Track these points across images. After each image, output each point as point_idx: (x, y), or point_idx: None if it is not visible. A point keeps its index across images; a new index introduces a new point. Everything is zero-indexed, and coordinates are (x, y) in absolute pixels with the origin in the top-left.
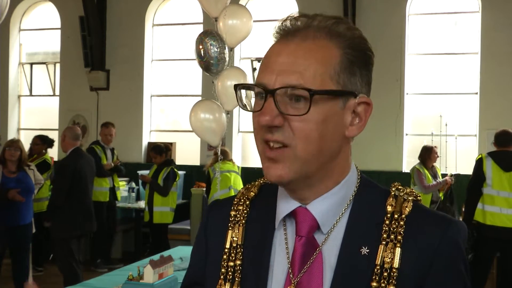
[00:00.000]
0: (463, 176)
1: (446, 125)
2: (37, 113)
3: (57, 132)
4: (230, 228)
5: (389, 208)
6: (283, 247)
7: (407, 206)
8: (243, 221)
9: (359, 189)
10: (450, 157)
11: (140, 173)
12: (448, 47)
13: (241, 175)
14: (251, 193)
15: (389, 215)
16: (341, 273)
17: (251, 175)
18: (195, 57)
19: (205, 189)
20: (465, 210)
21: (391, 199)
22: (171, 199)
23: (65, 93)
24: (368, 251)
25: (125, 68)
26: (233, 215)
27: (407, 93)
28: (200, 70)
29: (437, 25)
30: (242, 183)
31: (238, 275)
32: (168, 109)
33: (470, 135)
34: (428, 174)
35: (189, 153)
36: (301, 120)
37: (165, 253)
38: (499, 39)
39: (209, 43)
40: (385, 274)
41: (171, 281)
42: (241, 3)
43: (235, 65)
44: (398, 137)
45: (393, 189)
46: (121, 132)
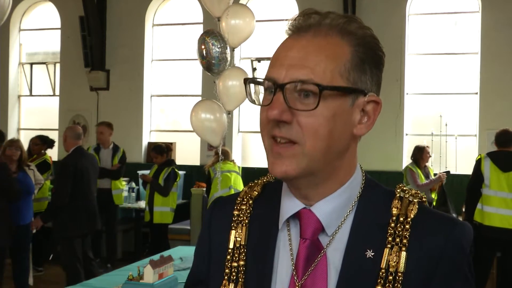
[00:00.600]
0: (463, 176)
1: (446, 125)
2: (37, 113)
3: (57, 132)
4: (233, 228)
5: (394, 210)
6: (287, 248)
7: (412, 208)
8: (246, 221)
9: (364, 190)
10: (450, 157)
11: (140, 173)
12: (448, 47)
13: (241, 175)
14: (255, 192)
15: (394, 218)
16: (346, 276)
17: (251, 175)
18: (197, 57)
19: (206, 189)
20: (465, 210)
21: (397, 201)
22: (172, 199)
23: (65, 93)
24: (373, 254)
25: (125, 68)
26: (236, 214)
27: (407, 93)
28: (200, 70)
29: (437, 25)
30: (242, 183)
31: (241, 275)
32: (168, 109)
33: (470, 135)
34: (421, 173)
35: (189, 153)
36: (309, 115)
37: (165, 253)
38: (499, 39)
39: (210, 43)
40: (390, 277)
41: (171, 281)
42: (242, 3)
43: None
44: (398, 137)
45: (398, 190)
46: (121, 132)
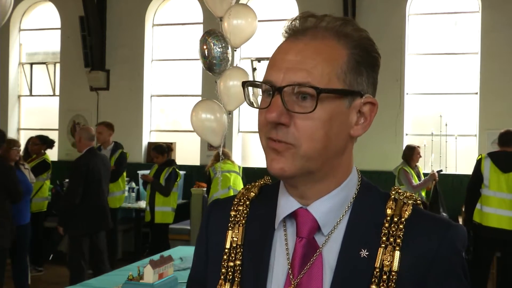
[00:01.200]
0: (463, 176)
1: (446, 125)
2: (37, 113)
3: (57, 132)
4: (230, 228)
5: (388, 211)
6: (283, 247)
7: (406, 209)
8: (243, 221)
9: (359, 191)
10: (450, 157)
11: (140, 173)
12: (448, 47)
13: (242, 175)
14: (251, 193)
15: (388, 218)
16: (340, 275)
17: (251, 175)
18: (199, 57)
19: (206, 189)
20: (464, 210)
21: (391, 202)
22: (172, 199)
23: (65, 93)
24: (367, 253)
25: (125, 68)
26: (233, 215)
27: (407, 93)
28: (200, 70)
29: (437, 25)
30: (242, 183)
31: (238, 275)
32: (168, 109)
33: (470, 135)
34: (414, 173)
35: (189, 153)
36: (306, 118)
37: (165, 253)
38: (499, 39)
39: (212, 42)
40: (384, 277)
41: (171, 281)
42: (243, 3)
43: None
44: (398, 137)
45: (393, 192)
46: (121, 132)
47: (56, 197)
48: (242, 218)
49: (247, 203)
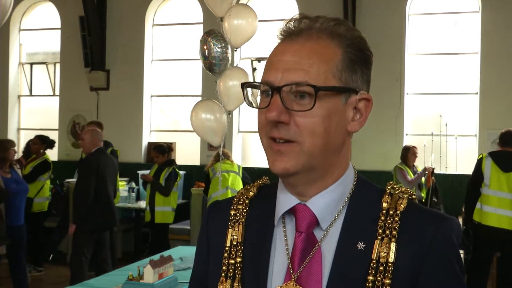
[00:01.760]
0: (463, 176)
1: (446, 125)
2: (37, 113)
3: (57, 132)
4: (230, 227)
5: (384, 204)
6: (282, 243)
7: (401, 203)
8: (243, 220)
9: (356, 187)
10: (450, 157)
11: (140, 173)
12: (448, 47)
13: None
14: (250, 193)
15: (384, 211)
16: (338, 268)
17: (251, 175)
18: (199, 57)
19: (203, 189)
20: (464, 209)
21: (387, 196)
22: (172, 199)
23: (65, 93)
24: (364, 246)
25: (125, 68)
26: (233, 214)
27: (407, 93)
28: (200, 70)
29: (437, 25)
30: (242, 183)
31: (238, 272)
32: (168, 109)
33: (470, 135)
34: (410, 171)
35: (189, 153)
36: (306, 115)
37: (165, 253)
38: (499, 39)
39: (212, 43)
40: (381, 268)
41: (171, 281)
42: (244, 3)
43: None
44: (398, 137)
45: (389, 187)
46: (121, 132)
47: (56, 197)
48: (241, 216)
49: (246, 202)
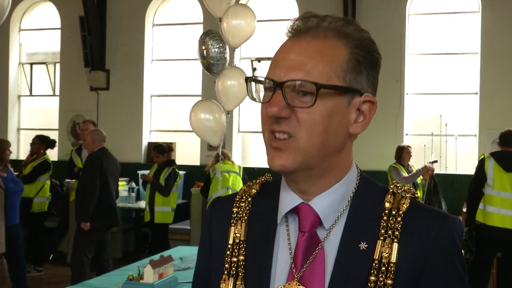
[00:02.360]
0: (463, 176)
1: (446, 125)
2: (37, 113)
3: (57, 132)
4: (232, 224)
5: (387, 204)
6: (285, 242)
7: (404, 202)
8: (246, 218)
9: (359, 186)
10: (450, 157)
11: (140, 173)
12: (448, 47)
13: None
14: (253, 190)
15: (387, 211)
16: (341, 268)
17: (251, 175)
18: (198, 57)
19: (201, 188)
20: (466, 210)
21: (389, 196)
22: (172, 199)
23: (65, 93)
24: (366, 246)
25: (125, 68)
26: (235, 211)
27: (407, 93)
28: (200, 70)
29: (437, 25)
30: (242, 183)
31: (241, 270)
32: (168, 109)
33: (470, 135)
34: (404, 170)
35: (189, 153)
36: (307, 112)
37: (165, 253)
38: (499, 39)
39: (209, 43)
40: (383, 268)
41: (171, 281)
42: (242, 3)
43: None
44: (398, 137)
45: (391, 186)
46: (121, 132)
47: (56, 196)
48: (244, 214)
49: (249, 199)
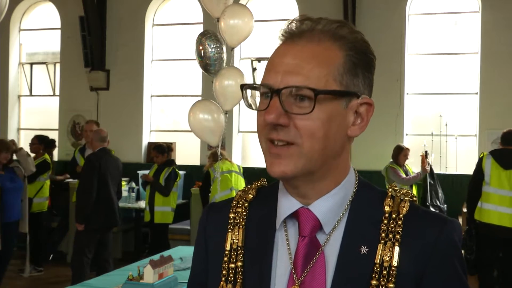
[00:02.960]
0: (463, 176)
1: (446, 125)
2: (37, 113)
3: (57, 132)
4: (229, 230)
5: (387, 208)
6: (285, 247)
7: (404, 206)
8: (243, 223)
9: (357, 190)
10: (450, 157)
11: (140, 173)
12: (448, 47)
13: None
14: (249, 195)
15: (387, 215)
16: (342, 272)
17: (251, 175)
18: (195, 57)
19: (200, 188)
20: (467, 209)
21: (389, 199)
22: (172, 199)
23: (65, 93)
24: (367, 250)
25: (125, 68)
26: (232, 217)
27: (407, 93)
28: (200, 70)
29: (437, 25)
30: (244, 183)
31: (239, 276)
32: (168, 109)
33: (470, 135)
34: (401, 170)
35: (189, 153)
36: (305, 118)
37: (165, 253)
38: (499, 39)
39: (206, 43)
40: (385, 272)
41: (171, 281)
42: (242, 3)
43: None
44: (398, 137)
45: (390, 190)
46: (121, 132)
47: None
48: (241, 220)
49: (246, 205)
